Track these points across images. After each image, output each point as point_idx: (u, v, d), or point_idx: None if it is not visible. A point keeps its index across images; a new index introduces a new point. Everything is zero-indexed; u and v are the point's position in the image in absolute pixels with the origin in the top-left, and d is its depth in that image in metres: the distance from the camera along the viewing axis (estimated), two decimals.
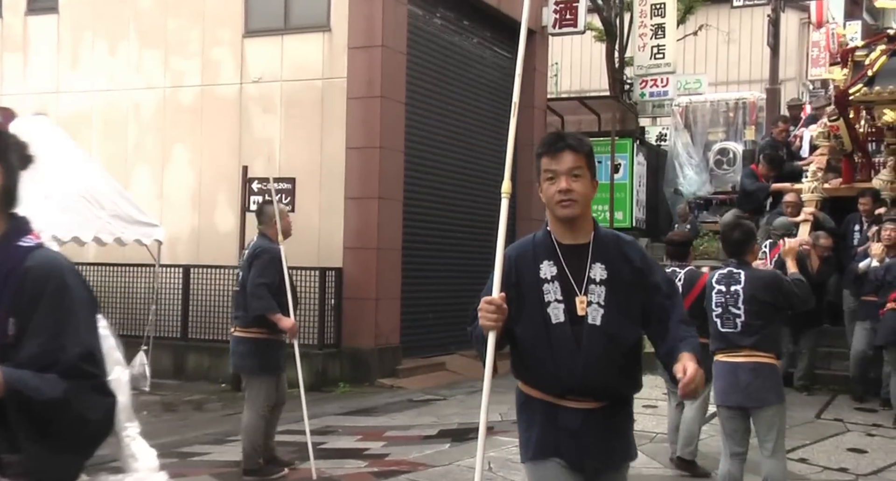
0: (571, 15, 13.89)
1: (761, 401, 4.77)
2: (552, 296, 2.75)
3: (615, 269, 2.76)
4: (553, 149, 2.79)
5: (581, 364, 2.71)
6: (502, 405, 8.67)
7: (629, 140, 14.07)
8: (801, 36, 19.71)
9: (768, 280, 4.94)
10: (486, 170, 13.00)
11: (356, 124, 10.37)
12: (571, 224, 2.79)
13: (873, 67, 7.50)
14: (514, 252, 2.88)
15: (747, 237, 4.99)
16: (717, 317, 4.91)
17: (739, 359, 4.79)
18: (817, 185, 8.35)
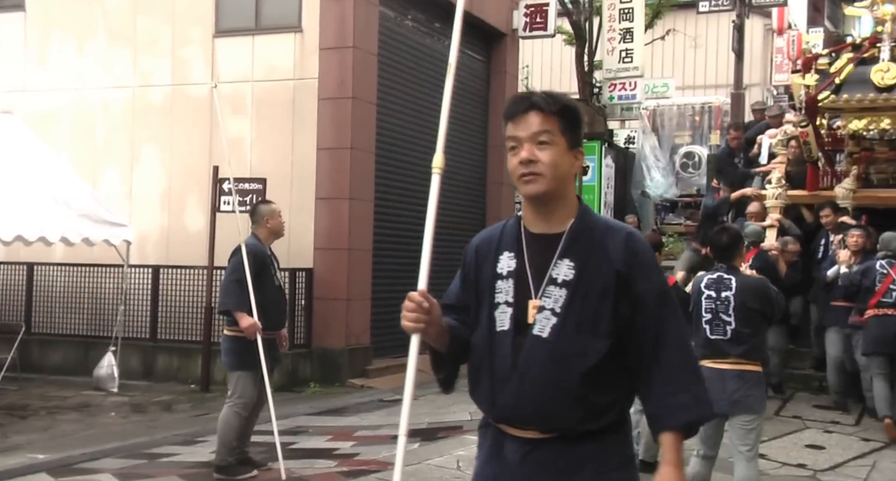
0: (541, 18, 13.97)
1: (747, 410, 4.73)
2: (503, 297, 2.20)
3: (586, 269, 2.14)
4: (515, 111, 2.20)
5: (514, 385, 2.14)
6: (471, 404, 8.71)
7: (598, 142, 14.17)
8: (765, 42, 19.99)
9: (758, 287, 4.90)
10: (457, 171, 13.03)
11: (327, 125, 10.35)
12: (543, 207, 2.20)
13: (840, 75, 7.51)
14: (477, 241, 2.40)
15: (735, 241, 4.96)
16: (707, 324, 4.81)
17: (726, 366, 4.72)
18: (781, 192, 8.35)
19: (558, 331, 2.12)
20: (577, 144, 2.21)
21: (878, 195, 8.12)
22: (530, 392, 2.12)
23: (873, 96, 7.29)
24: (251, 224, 6.32)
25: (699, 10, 15.66)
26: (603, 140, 14.45)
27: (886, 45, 7.45)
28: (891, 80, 7.26)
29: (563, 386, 2.10)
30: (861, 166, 8.10)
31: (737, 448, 4.82)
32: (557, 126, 2.16)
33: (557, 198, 2.19)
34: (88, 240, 9.53)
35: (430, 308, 2.13)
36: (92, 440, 7.08)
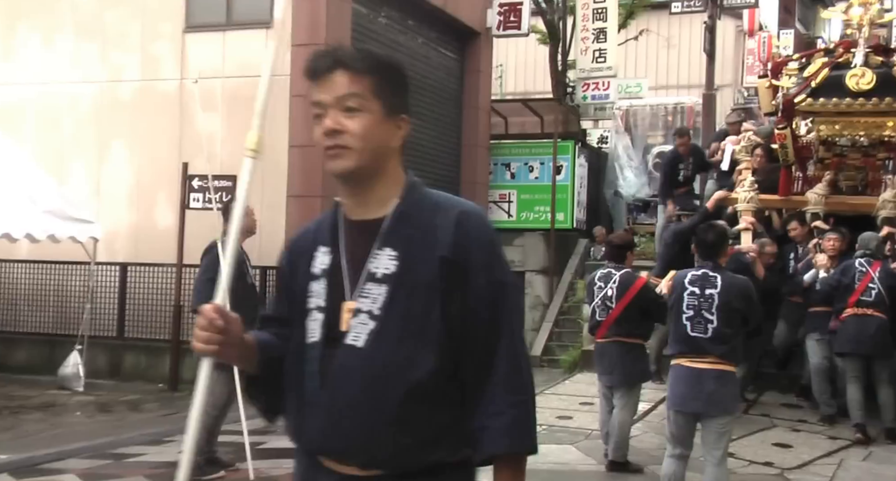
0: (515, 17, 13.98)
1: (722, 410, 4.71)
2: (315, 301, 1.80)
3: (410, 259, 1.73)
4: (317, 69, 1.82)
5: (323, 409, 1.73)
6: None
7: (571, 142, 14.20)
8: (737, 43, 20.19)
9: (743, 288, 4.85)
10: (431, 171, 13.00)
11: (299, 122, 10.26)
12: (357, 187, 1.80)
13: (816, 79, 7.48)
14: (294, 237, 2.01)
15: (721, 239, 4.96)
16: (688, 320, 4.74)
17: (705, 365, 4.67)
18: (753, 195, 8.19)
19: (376, 339, 1.70)
20: (398, 110, 1.82)
21: (850, 202, 8.03)
22: (342, 417, 1.70)
23: (849, 101, 7.26)
24: (223, 222, 6.28)
25: (672, 11, 15.78)
26: (576, 139, 14.49)
27: (861, 51, 7.43)
28: (865, 85, 7.24)
29: (383, 409, 1.68)
30: (832, 172, 8.05)
31: (709, 451, 4.77)
32: (370, 88, 1.77)
33: (374, 176, 1.78)
34: (54, 236, 9.38)
35: (225, 325, 1.71)
36: (57, 440, 6.97)
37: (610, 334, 5.87)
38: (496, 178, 14.41)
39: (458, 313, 1.71)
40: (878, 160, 7.93)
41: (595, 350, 6.27)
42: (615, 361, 5.86)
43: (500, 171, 14.48)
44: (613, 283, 5.82)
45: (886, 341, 6.88)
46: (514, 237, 14.00)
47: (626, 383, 5.91)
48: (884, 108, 7.26)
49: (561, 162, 14.07)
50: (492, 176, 14.37)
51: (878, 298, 6.86)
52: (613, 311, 5.78)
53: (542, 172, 14.23)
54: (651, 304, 5.80)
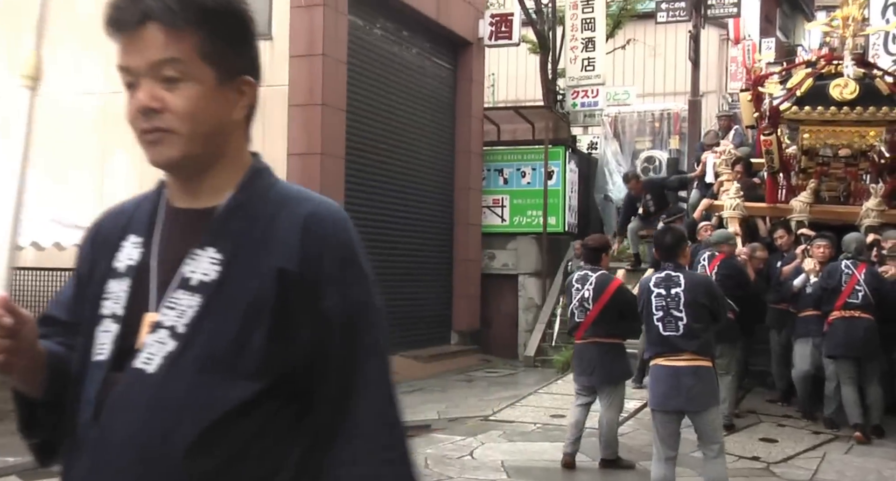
0: (506, 28, 14.03)
1: (703, 405, 4.72)
2: (111, 307, 1.32)
3: (236, 265, 1.28)
4: (121, 22, 1.29)
5: (91, 452, 1.25)
6: (440, 403, 8.72)
7: (562, 148, 14.25)
8: (720, 51, 20.28)
9: (706, 284, 4.99)
10: (426, 177, 13.04)
11: (298, 131, 10.29)
12: (184, 175, 1.37)
13: (801, 88, 7.49)
14: (102, 217, 1.52)
15: (678, 240, 5.00)
16: (659, 321, 4.78)
17: (681, 363, 4.69)
18: (739, 203, 8.13)
19: (173, 364, 1.23)
20: (238, 71, 1.34)
21: (834, 210, 7.98)
22: (111, 463, 1.22)
23: (834, 110, 7.26)
24: None
25: (657, 21, 15.83)
26: (567, 146, 14.54)
27: (849, 62, 7.44)
28: (849, 94, 7.24)
29: (167, 457, 1.20)
30: (815, 181, 7.99)
31: (706, 446, 4.78)
32: (196, 48, 1.27)
33: (208, 162, 1.34)
34: (60, 244, 9.37)
35: (16, 326, 1.27)
36: None
37: (588, 335, 5.82)
38: (489, 184, 14.45)
39: (299, 341, 1.25)
40: (860, 170, 7.91)
41: (574, 351, 6.22)
42: (595, 362, 5.80)
43: (493, 177, 14.51)
44: (590, 285, 5.79)
45: (875, 342, 6.84)
46: (508, 241, 14.05)
47: (608, 382, 5.85)
48: (867, 117, 7.25)
49: (552, 167, 14.11)
50: (485, 181, 14.40)
51: (865, 300, 6.78)
52: (591, 313, 5.75)
53: (533, 178, 14.27)
54: (627, 306, 5.74)
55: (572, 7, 15.31)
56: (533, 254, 13.68)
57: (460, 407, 8.53)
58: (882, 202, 7.64)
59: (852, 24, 7.52)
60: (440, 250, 13.47)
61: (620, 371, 5.91)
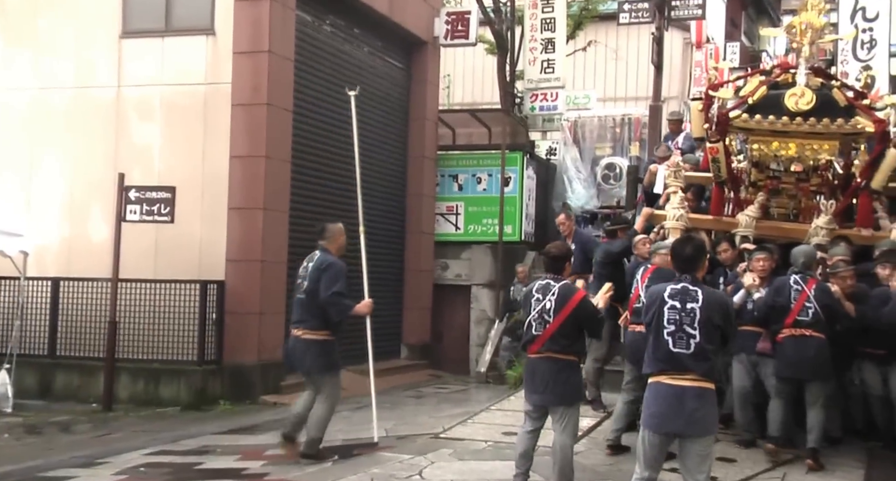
0: (463, 27, 14.15)
1: (703, 431, 4.60)
2: None
3: None
4: None
5: None
6: (388, 420, 8.74)
7: (519, 153, 14.39)
8: (684, 55, 20.66)
9: (724, 303, 4.86)
10: (377, 181, 13.06)
11: (241, 132, 10.25)
12: None
13: (754, 96, 7.45)
14: None
15: (699, 252, 4.89)
16: (669, 336, 4.63)
17: (686, 383, 4.56)
18: (683, 213, 8.01)
19: None
20: None
21: (782, 226, 7.88)
22: None
23: (786, 120, 7.23)
24: (321, 240, 7.16)
25: (619, 22, 16.07)
26: (524, 151, 14.69)
27: (802, 71, 7.43)
28: (805, 105, 7.20)
29: None
30: (764, 195, 7.91)
31: (691, 475, 4.67)
32: None
33: None
34: None
35: None
36: None
37: (544, 349, 5.63)
38: (443, 190, 14.53)
39: None
40: (812, 187, 7.80)
41: (526, 366, 5.95)
42: (548, 379, 5.61)
43: (447, 183, 14.60)
44: (552, 295, 5.59)
45: (825, 363, 6.72)
46: (462, 250, 14.14)
47: (562, 403, 5.64)
48: (821, 129, 7.23)
49: (509, 173, 14.25)
50: (439, 187, 14.49)
51: (816, 318, 6.67)
52: (551, 325, 5.56)
53: (489, 184, 14.39)
54: (589, 318, 5.66)
55: (531, 6, 15.50)
56: (488, 265, 13.80)
57: (409, 424, 8.56)
58: (832, 220, 7.58)
59: (809, 31, 7.52)
60: (391, 260, 13.49)
61: (574, 391, 5.74)
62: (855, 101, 7.43)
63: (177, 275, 10.02)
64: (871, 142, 7.55)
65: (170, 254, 10.26)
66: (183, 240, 10.18)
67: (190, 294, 9.92)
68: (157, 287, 10.03)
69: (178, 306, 9.95)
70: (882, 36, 15.91)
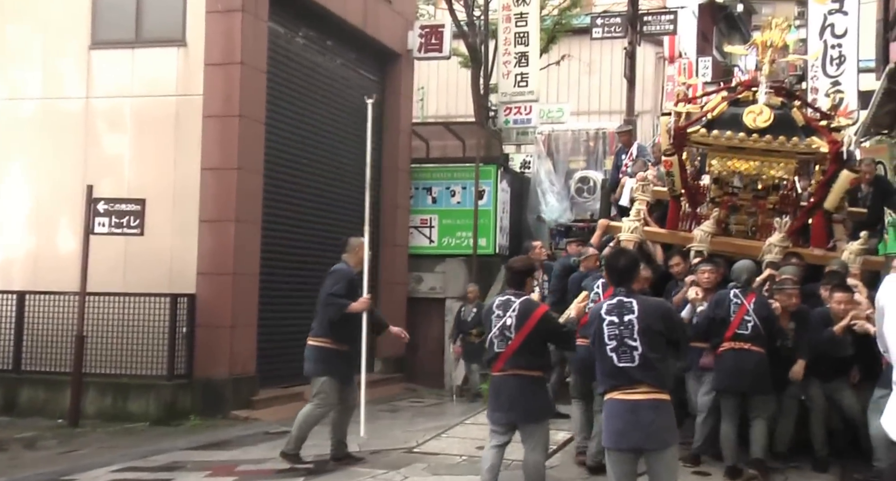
0: (437, 40, 14.23)
1: (663, 443, 4.56)
2: None
3: None
4: None
5: None
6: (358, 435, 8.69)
7: (494, 166, 14.46)
8: (657, 69, 20.91)
9: (661, 309, 4.81)
10: (349, 193, 13.04)
11: (212, 143, 10.20)
12: None
13: (713, 112, 7.50)
14: None
15: (634, 264, 4.89)
16: (613, 352, 4.59)
17: (638, 396, 4.53)
18: (638, 226, 7.97)
19: None
20: None
21: (736, 243, 7.84)
22: None
23: (743, 136, 7.28)
24: (343, 253, 7.48)
25: (593, 36, 16.27)
26: (499, 164, 14.76)
27: (763, 89, 7.50)
28: (763, 122, 7.25)
29: None
30: (723, 211, 7.90)
31: None
32: None
33: None
34: None
35: None
36: None
37: (508, 367, 5.47)
38: (417, 203, 14.55)
39: None
40: (769, 204, 7.82)
41: (490, 385, 5.80)
42: (515, 396, 5.46)
43: (421, 196, 14.63)
44: (513, 311, 5.44)
45: (765, 377, 6.68)
46: (436, 263, 14.15)
47: (529, 420, 5.50)
48: (776, 147, 7.27)
49: (483, 186, 14.30)
50: (413, 200, 14.50)
51: (755, 331, 6.65)
52: (513, 342, 5.42)
53: (464, 197, 14.43)
54: (554, 333, 5.55)
55: (505, 20, 15.62)
56: (462, 277, 13.81)
57: (383, 438, 8.53)
58: (786, 238, 7.58)
59: (771, 49, 7.58)
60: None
61: (542, 407, 5.62)
62: (813, 122, 7.47)
63: (146, 289, 9.93)
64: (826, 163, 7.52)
65: (139, 267, 10.16)
66: (153, 252, 10.09)
67: (160, 307, 9.82)
68: (126, 300, 9.93)
69: (147, 320, 9.84)
70: (851, 52, 16.19)
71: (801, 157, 7.58)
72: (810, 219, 7.81)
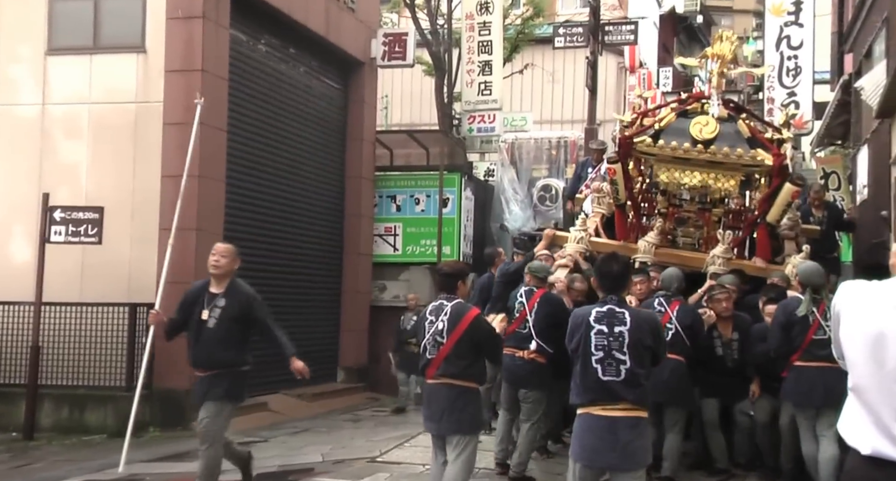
0: (400, 48, 14.23)
1: (637, 463, 4.38)
2: None
3: None
4: None
5: None
6: (325, 445, 8.63)
7: (457, 174, 14.49)
8: (618, 79, 21.16)
9: (653, 322, 4.63)
10: (313, 201, 12.98)
11: (173, 151, 10.07)
12: None
13: (661, 123, 7.51)
14: None
15: (626, 270, 4.69)
16: (598, 363, 4.37)
17: (618, 413, 4.33)
18: (583, 236, 7.91)
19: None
20: None
21: (679, 254, 7.80)
22: None
23: (688, 146, 7.28)
24: None
25: (555, 46, 16.41)
26: (462, 172, 14.78)
27: (714, 101, 7.52)
28: (709, 134, 7.26)
29: None
30: (668, 222, 7.88)
31: None
32: None
33: None
34: None
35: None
36: None
37: (439, 374, 5.27)
38: (381, 211, 14.52)
39: None
40: (714, 217, 7.83)
41: (423, 392, 5.62)
42: (444, 406, 5.23)
43: (385, 204, 14.60)
44: (444, 316, 5.25)
45: (682, 386, 6.54)
46: (400, 271, 14.11)
47: (458, 431, 5.24)
48: (720, 158, 7.27)
49: (447, 194, 14.32)
50: (377, 208, 14.47)
51: (676, 339, 6.47)
52: (444, 346, 5.23)
53: (428, 205, 14.43)
54: (485, 337, 5.31)
55: (469, 29, 15.69)
56: (426, 286, 13.78)
57: (346, 448, 8.47)
58: (729, 249, 7.56)
59: (720, 62, 7.65)
60: (327, 281, 13.39)
61: (472, 419, 5.35)
62: (758, 134, 7.50)
63: (105, 298, 9.77)
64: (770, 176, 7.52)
65: (97, 277, 10.00)
66: (111, 261, 9.94)
67: (118, 317, 9.67)
68: (84, 310, 9.76)
69: (105, 330, 9.69)
70: (806, 64, 16.53)
71: (747, 170, 7.56)
72: (754, 232, 7.80)
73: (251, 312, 5.88)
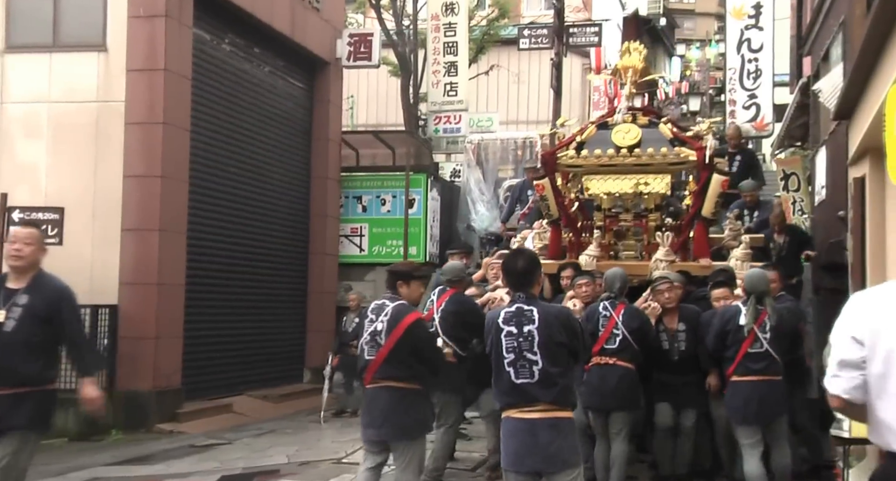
0: (366, 48, 14.20)
1: (562, 465, 4.16)
2: None
3: None
4: None
5: None
6: (291, 446, 8.59)
7: (424, 175, 14.50)
8: (583, 80, 21.28)
9: (564, 316, 4.36)
10: (277, 201, 12.91)
11: (135, 151, 9.97)
12: None
13: (582, 135, 7.58)
14: None
15: (534, 266, 4.38)
16: (511, 366, 4.17)
17: (536, 414, 4.14)
18: None
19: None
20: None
21: (623, 264, 7.59)
22: None
23: (612, 152, 7.33)
24: None
25: (520, 47, 16.47)
26: (429, 173, 14.79)
27: (622, 109, 7.60)
28: (632, 140, 7.33)
29: None
30: (608, 235, 7.80)
31: None
32: None
33: None
34: None
35: None
36: None
37: (379, 377, 5.00)
38: (347, 212, 14.48)
39: None
40: (651, 222, 7.75)
41: (363, 398, 5.31)
42: (386, 411, 4.96)
43: (351, 204, 14.56)
44: (385, 316, 5.03)
45: (631, 393, 6.30)
46: (366, 272, 14.09)
47: (402, 437, 4.99)
48: (646, 160, 7.32)
49: (413, 195, 14.32)
50: (343, 209, 14.42)
51: (623, 345, 6.27)
52: (383, 349, 4.97)
53: (394, 205, 14.42)
54: (422, 344, 5.08)
55: (434, 30, 15.70)
56: None
57: (312, 449, 8.44)
58: (670, 252, 7.45)
59: (630, 73, 7.78)
60: (293, 282, 13.32)
61: (417, 422, 5.07)
62: (680, 135, 7.58)
63: None
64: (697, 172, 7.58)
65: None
66: (72, 262, 9.74)
67: None
68: None
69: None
70: (766, 66, 16.76)
71: (674, 169, 7.63)
72: (691, 231, 7.74)
73: (59, 313, 4.61)
